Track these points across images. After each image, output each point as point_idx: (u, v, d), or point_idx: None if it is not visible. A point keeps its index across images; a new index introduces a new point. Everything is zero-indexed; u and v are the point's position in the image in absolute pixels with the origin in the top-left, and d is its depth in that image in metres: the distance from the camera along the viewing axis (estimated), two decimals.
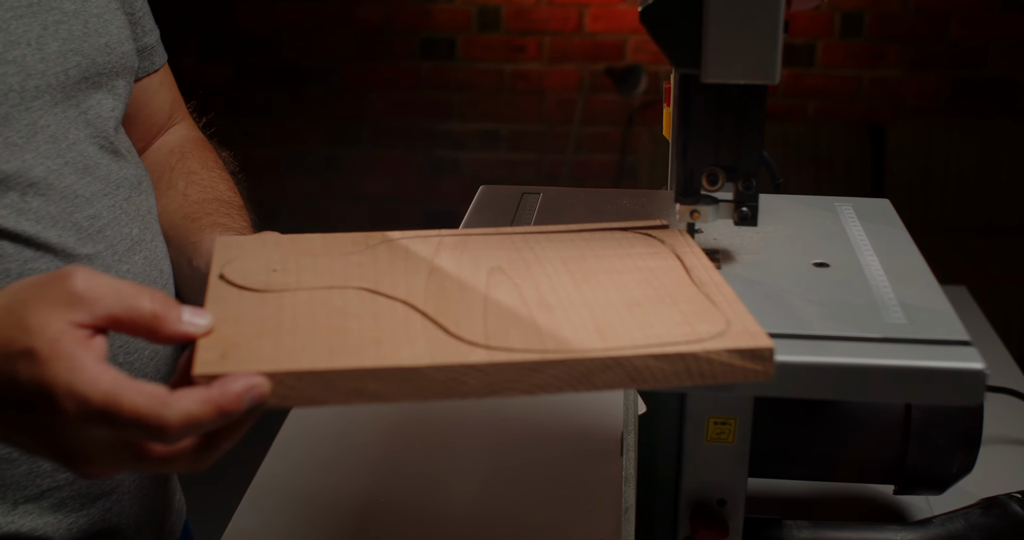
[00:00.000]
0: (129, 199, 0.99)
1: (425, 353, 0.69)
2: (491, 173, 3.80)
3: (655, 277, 0.80)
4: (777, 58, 0.80)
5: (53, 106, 0.92)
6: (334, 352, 0.69)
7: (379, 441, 1.35)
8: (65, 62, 0.93)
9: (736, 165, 0.87)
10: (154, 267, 1.00)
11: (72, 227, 0.92)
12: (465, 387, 0.69)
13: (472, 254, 0.86)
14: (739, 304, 0.75)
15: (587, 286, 0.79)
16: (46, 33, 0.92)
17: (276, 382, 0.67)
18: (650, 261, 0.84)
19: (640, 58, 3.60)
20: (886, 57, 3.57)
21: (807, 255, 0.93)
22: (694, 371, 0.70)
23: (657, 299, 0.77)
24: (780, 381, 0.76)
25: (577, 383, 0.70)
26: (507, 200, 1.06)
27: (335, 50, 3.77)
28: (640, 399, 0.92)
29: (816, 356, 0.75)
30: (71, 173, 0.93)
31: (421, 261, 0.84)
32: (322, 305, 0.76)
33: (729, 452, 0.90)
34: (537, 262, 0.84)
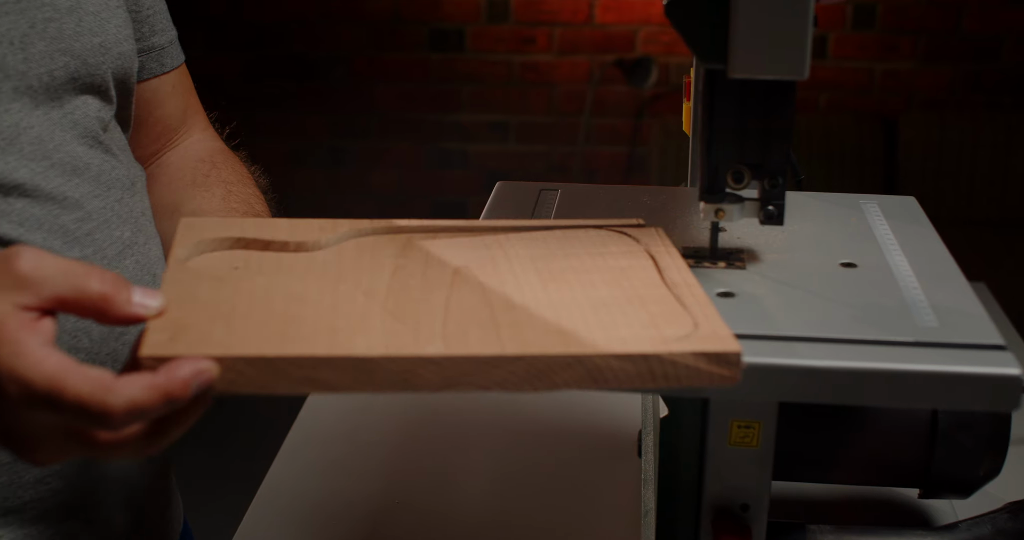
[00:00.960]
0: (121, 201, 0.96)
1: (380, 344, 0.68)
2: (500, 165, 3.78)
3: (625, 277, 0.79)
4: (807, 53, 0.78)
5: (35, 108, 0.89)
6: (287, 338, 0.68)
7: (390, 442, 1.33)
8: (51, 63, 0.89)
9: (762, 163, 0.85)
10: (147, 271, 0.98)
11: (58, 230, 0.89)
12: (420, 380, 0.67)
13: (441, 252, 0.84)
14: (710, 306, 0.74)
15: (554, 286, 0.77)
16: (32, 31, 0.88)
17: (225, 367, 0.66)
18: (622, 260, 0.82)
19: (651, 49, 3.58)
20: (898, 49, 3.54)
21: (834, 255, 0.91)
22: (658, 373, 0.68)
23: (625, 300, 0.75)
24: (809, 386, 0.74)
25: (536, 381, 0.68)
26: (525, 197, 1.04)
27: (343, 42, 3.74)
28: (662, 402, 0.90)
29: (847, 361, 0.73)
30: (57, 175, 0.90)
31: (387, 259, 0.83)
32: (280, 291, 0.75)
33: (753, 456, 0.88)
34: (506, 261, 0.82)
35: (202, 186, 1.09)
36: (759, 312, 0.80)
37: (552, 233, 0.89)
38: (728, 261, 0.89)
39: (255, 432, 2.80)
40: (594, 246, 0.85)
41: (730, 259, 0.89)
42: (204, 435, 2.99)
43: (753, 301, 0.82)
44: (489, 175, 3.79)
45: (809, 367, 0.74)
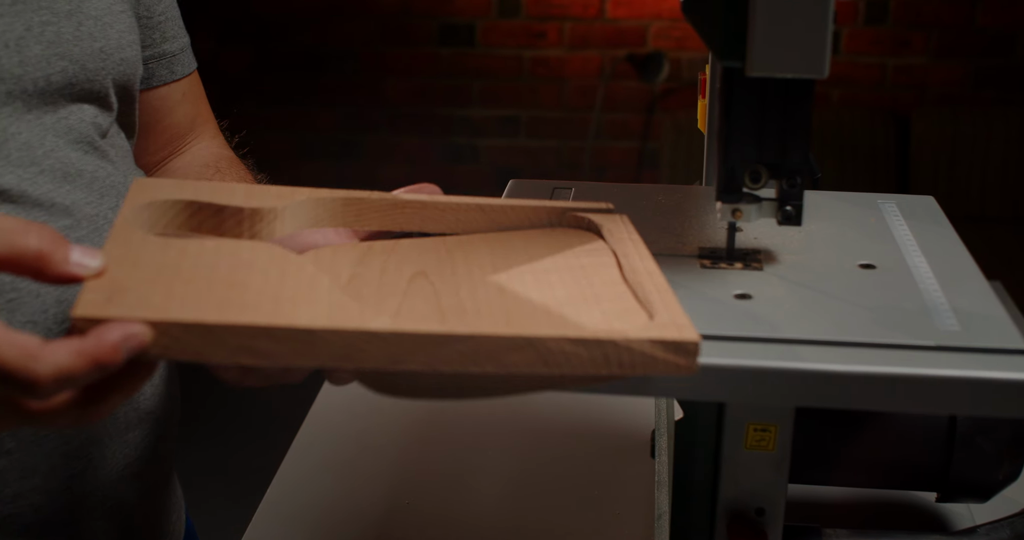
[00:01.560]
0: (115, 208, 0.93)
1: (324, 315, 0.66)
2: (510, 161, 3.77)
3: (585, 276, 0.78)
4: (827, 51, 0.77)
5: (26, 112, 0.86)
6: (227, 305, 0.66)
7: (401, 442, 1.32)
8: (48, 67, 0.87)
9: (780, 162, 0.83)
10: None
11: None
12: (363, 355, 0.66)
13: (400, 257, 0.83)
14: (670, 295, 0.73)
15: (510, 288, 0.76)
16: (29, 35, 0.86)
17: (160, 332, 0.63)
18: (584, 258, 0.81)
19: (662, 44, 3.56)
20: (911, 44, 3.52)
21: (852, 255, 0.89)
22: (612, 359, 0.67)
23: (581, 299, 0.74)
24: (827, 392, 0.73)
25: (484, 361, 0.67)
26: (537, 195, 1.03)
27: (353, 36, 3.73)
28: (676, 404, 0.89)
29: (866, 366, 0.72)
30: (47, 181, 0.87)
31: (345, 266, 0.81)
32: (228, 256, 0.73)
33: (769, 460, 0.87)
34: (465, 264, 0.81)
35: None
36: (777, 315, 0.79)
37: (516, 233, 0.87)
38: (745, 262, 0.88)
39: (264, 432, 2.79)
40: (557, 244, 0.84)
41: (747, 260, 0.88)
42: (212, 435, 3.01)
43: (771, 303, 0.80)
44: (499, 170, 3.78)
45: (827, 372, 0.72)
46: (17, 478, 0.87)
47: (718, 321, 0.78)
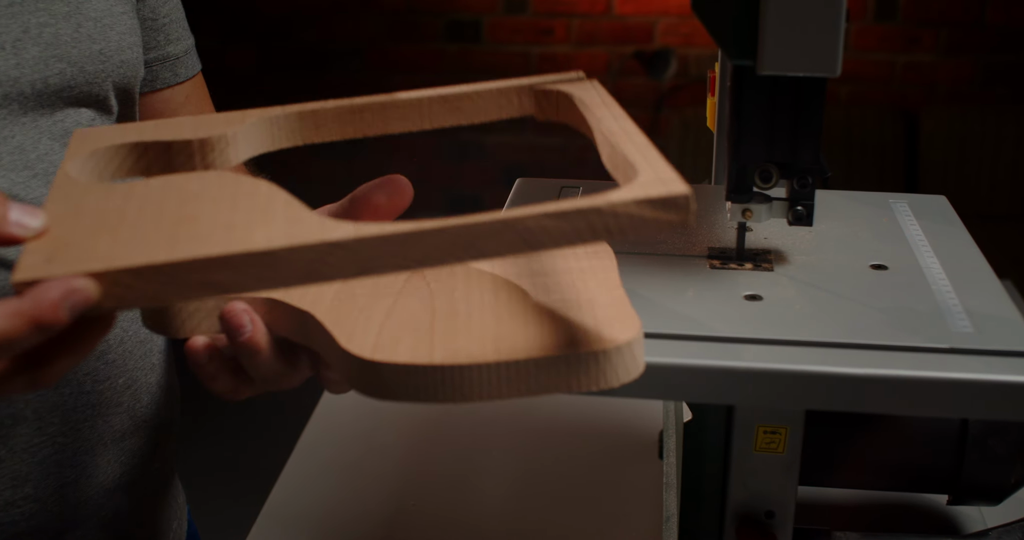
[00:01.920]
0: None
1: (282, 234, 0.62)
2: (516, 158, 3.76)
3: (583, 279, 0.76)
4: (839, 49, 0.75)
5: (22, 115, 0.85)
6: (178, 242, 0.62)
7: (406, 443, 1.32)
8: (45, 69, 0.85)
9: (791, 162, 0.82)
10: None
11: None
12: (331, 269, 0.62)
13: None
14: (652, 150, 0.69)
15: (505, 291, 0.75)
16: (26, 36, 0.84)
17: (109, 282, 0.59)
18: (585, 261, 0.79)
19: (670, 41, 3.55)
20: (920, 41, 3.50)
21: (863, 256, 0.88)
22: (598, 227, 0.62)
23: (576, 303, 0.72)
24: (838, 395, 0.72)
25: (462, 252, 0.63)
26: (545, 194, 1.02)
27: (359, 33, 3.73)
28: (685, 405, 0.88)
29: (878, 368, 0.71)
30: (41, 186, 0.86)
31: None
32: (176, 191, 0.68)
33: (779, 462, 0.86)
34: (464, 265, 0.79)
35: None
36: (787, 316, 0.78)
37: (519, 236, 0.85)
38: (755, 262, 0.87)
39: (267, 433, 2.78)
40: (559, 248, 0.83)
41: (757, 260, 0.87)
42: (215, 436, 3.00)
43: (781, 305, 0.80)
44: (506, 168, 3.77)
45: (838, 375, 0.71)
46: (8, 486, 0.86)
47: (728, 322, 0.77)
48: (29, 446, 0.86)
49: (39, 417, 0.86)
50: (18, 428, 0.85)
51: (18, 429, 0.85)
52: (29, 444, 0.86)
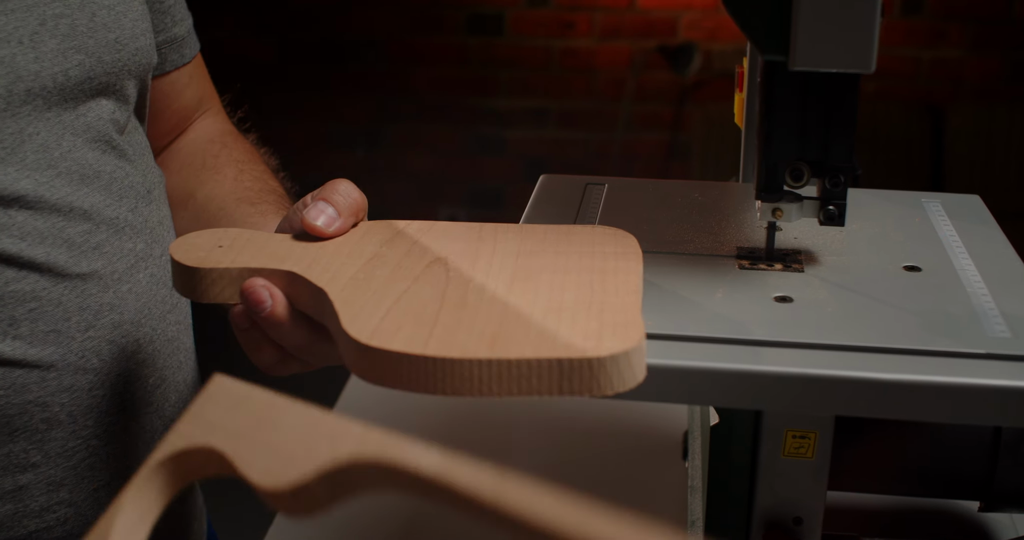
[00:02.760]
0: (135, 210, 0.90)
1: None
2: (538, 152, 3.74)
3: (602, 281, 0.75)
4: (874, 45, 0.73)
5: (45, 111, 0.83)
6: None
7: (426, 442, 1.30)
8: (65, 61, 0.83)
9: (823, 160, 0.80)
10: (163, 284, 0.92)
11: (63, 243, 0.83)
12: None
13: (430, 241, 0.82)
14: None
15: (521, 286, 0.74)
16: (43, 29, 0.82)
17: None
18: (609, 262, 0.78)
19: (693, 35, 3.52)
20: (947, 37, 3.47)
21: (896, 257, 0.86)
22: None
23: (586, 305, 0.71)
24: (871, 401, 0.70)
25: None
26: (570, 191, 1.00)
27: (379, 25, 3.71)
28: (712, 409, 0.86)
29: (912, 374, 0.69)
30: (64, 185, 0.84)
31: (371, 244, 0.81)
32: None
33: (808, 468, 0.84)
34: (488, 255, 0.79)
35: (212, 168, 1.05)
36: (818, 319, 0.76)
37: (555, 227, 0.85)
38: (785, 263, 0.85)
39: None
40: (591, 244, 0.82)
41: (787, 261, 0.85)
42: None
43: (812, 307, 0.78)
44: (527, 162, 3.75)
45: (870, 380, 0.69)
46: (44, 491, 0.85)
47: (757, 325, 0.75)
48: (64, 450, 0.86)
49: (73, 420, 0.86)
50: (53, 432, 0.84)
51: (53, 433, 0.85)
52: (64, 448, 0.85)
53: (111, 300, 0.87)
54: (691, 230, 0.91)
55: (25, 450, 0.83)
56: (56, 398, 0.84)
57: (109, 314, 0.86)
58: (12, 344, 0.81)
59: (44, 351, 0.83)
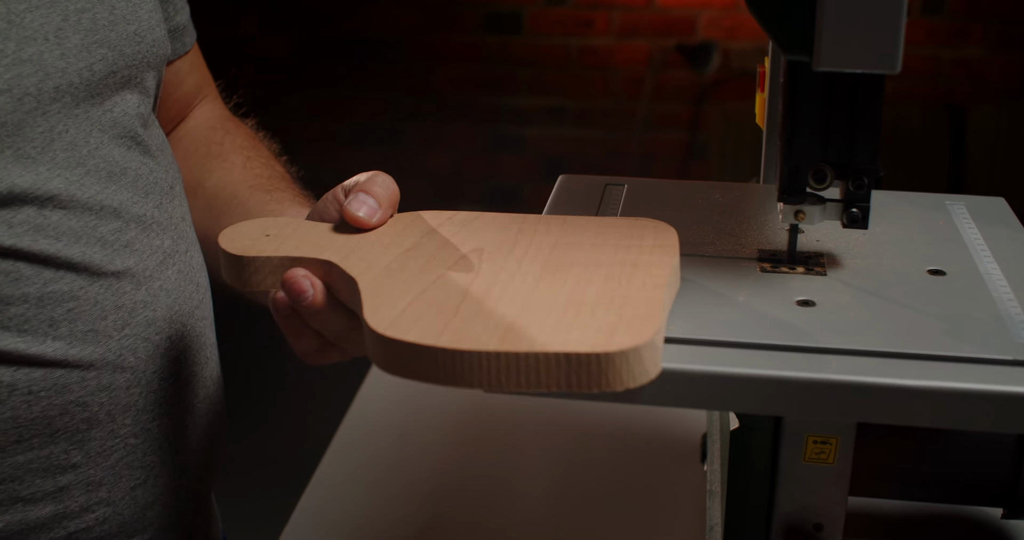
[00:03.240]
0: (160, 207, 0.90)
1: None
2: (556, 150, 3.73)
3: (628, 274, 0.75)
4: (900, 45, 0.72)
5: (74, 107, 0.82)
6: None
7: (441, 444, 1.29)
8: (89, 56, 0.83)
9: (847, 162, 0.79)
10: (190, 280, 0.92)
11: (97, 242, 0.83)
12: None
13: (471, 231, 0.83)
14: None
15: (549, 278, 0.74)
16: (66, 25, 0.81)
17: None
18: (644, 255, 0.78)
19: (712, 34, 3.51)
20: (968, 36, 3.45)
21: (920, 260, 0.85)
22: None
23: (608, 299, 0.71)
24: (895, 408, 0.68)
25: None
26: (589, 192, 0.99)
27: (398, 23, 3.70)
28: (732, 413, 0.85)
29: (937, 381, 0.68)
30: (94, 183, 0.84)
31: (411, 236, 0.83)
32: None
33: (829, 473, 0.83)
34: (524, 246, 0.80)
35: (219, 156, 1.05)
36: (841, 324, 0.75)
37: (596, 219, 0.85)
38: (807, 266, 0.84)
39: (299, 435, 2.77)
40: (629, 238, 0.81)
41: (809, 264, 0.84)
42: (247, 436, 2.97)
43: (835, 311, 0.76)
44: (546, 160, 3.74)
45: (893, 386, 0.68)
46: (83, 492, 0.85)
47: (778, 329, 0.74)
48: (103, 450, 0.85)
49: (112, 419, 0.85)
50: (93, 432, 0.84)
51: (93, 433, 0.84)
52: (103, 448, 0.85)
53: (144, 298, 0.86)
54: (712, 232, 0.90)
55: (66, 451, 0.83)
56: (95, 397, 0.84)
57: (143, 311, 0.86)
58: (53, 345, 0.81)
59: (83, 351, 0.82)
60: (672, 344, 0.71)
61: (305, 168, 1.12)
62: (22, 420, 0.80)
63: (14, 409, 0.80)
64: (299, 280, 0.77)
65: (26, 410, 0.80)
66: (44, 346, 0.80)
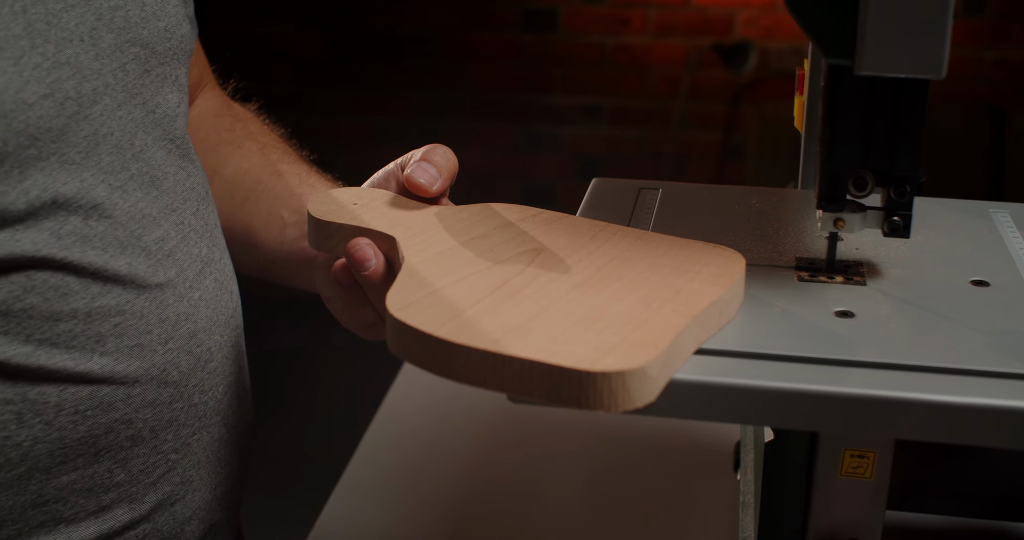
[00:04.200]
0: (197, 214, 0.88)
1: None
2: (591, 149, 3.71)
3: (667, 299, 0.72)
4: (946, 49, 0.70)
5: (116, 109, 0.80)
6: None
7: (469, 449, 1.28)
8: (122, 56, 0.80)
9: (889, 168, 0.77)
10: (224, 289, 0.90)
11: (141, 252, 0.81)
12: None
13: (543, 232, 0.82)
14: None
15: (585, 289, 0.73)
16: (100, 24, 0.79)
17: None
18: (696, 282, 0.74)
19: (750, 33, 3.48)
20: (1010, 36, 3.40)
21: (963, 271, 0.82)
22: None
23: (626, 319, 0.69)
24: (937, 425, 0.66)
25: None
26: (622, 196, 0.97)
27: (433, 20, 3.69)
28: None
29: (983, 397, 0.65)
30: (137, 189, 0.81)
31: (484, 225, 0.83)
32: None
33: (865, 488, 0.81)
34: (585, 254, 0.79)
35: (232, 143, 1.03)
36: (881, 336, 0.72)
37: (672, 240, 0.82)
38: (846, 275, 0.81)
39: (326, 438, 2.75)
40: (691, 262, 0.78)
41: (848, 273, 0.82)
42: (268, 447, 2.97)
43: (875, 323, 0.74)
44: (580, 159, 3.72)
45: (936, 403, 0.66)
46: (126, 511, 0.84)
47: (816, 341, 0.71)
48: (145, 467, 0.84)
49: (155, 435, 0.84)
50: (136, 449, 0.83)
51: (136, 450, 0.83)
52: (145, 465, 0.84)
53: (186, 309, 0.84)
54: (748, 239, 0.88)
55: (109, 469, 0.82)
56: (140, 414, 0.82)
57: (185, 324, 0.84)
58: (100, 361, 0.79)
59: (129, 366, 0.81)
60: (704, 355, 0.69)
61: (338, 165, 1.11)
62: (68, 441, 0.78)
63: (61, 430, 0.78)
64: (363, 248, 0.81)
65: (72, 430, 0.78)
66: (91, 363, 0.78)
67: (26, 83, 0.73)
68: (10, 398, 0.76)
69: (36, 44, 0.74)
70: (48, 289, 0.76)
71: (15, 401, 0.76)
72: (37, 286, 0.76)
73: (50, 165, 0.75)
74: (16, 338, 0.75)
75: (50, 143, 0.75)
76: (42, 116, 0.74)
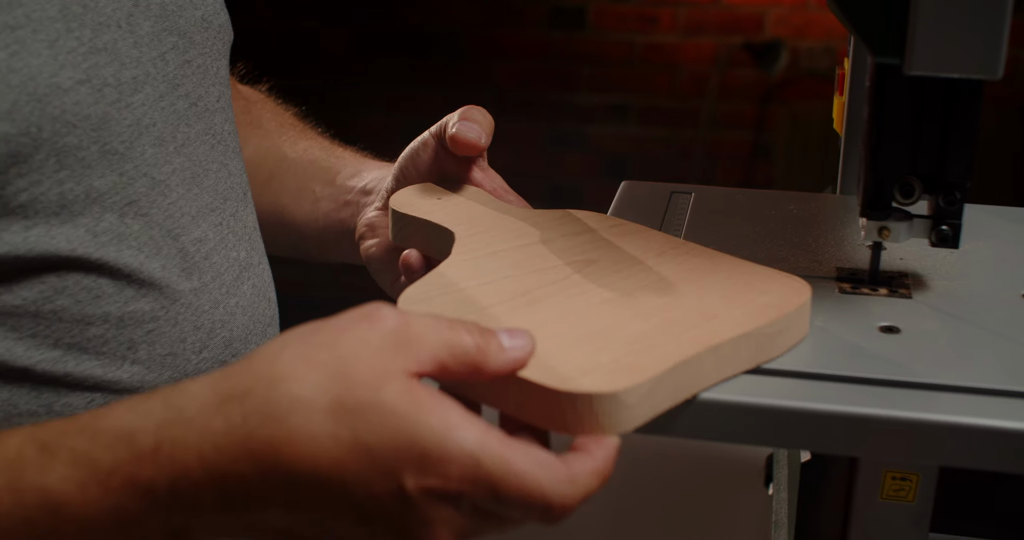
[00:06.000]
0: (236, 215, 0.83)
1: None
2: (619, 148, 3.67)
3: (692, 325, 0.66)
4: (1003, 48, 0.65)
5: (158, 100, 0.76)
6: None
7: None
8: (160, 44, 0.76)
9: (938, 175, 0.72)
10: (262, 296, 0.85)
11: (177, 254, 0.76)
12: None
13: (604, 243, 0.78)
14: None
15: (612, 305, 0.68)
16: (137, 10, 0.75)
17: None
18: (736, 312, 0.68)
19: (781, 32, 3.42)
20: None
21: (1014, 283, 0.78)
22: None
23: (633, 341, 0.64)
24: (986, 452, 0.62)
25: None
26: (653, 200, 0.93)
27: (459, 17, 3.66)
28: None
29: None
30: (178, 184, 0.77)
31: (550, 232, 0.80)
32: None
33: (908, 512, 0.77)
34: (635, 271, 0.73)
35: (249, 124, 1.00)
36: (929, 354, 0.68)
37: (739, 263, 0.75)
38: (891, 288, 0.77)
39: None
40: (747, 290, 0.70)
41: (893, 285, 0.77)
42: None
43: (921, 339, 0.70)
44: (608, 159, 3.68)
45: (986, 428, 0.61)
46: None
47: (859, 359, 0.67)
48: None
49: None
50: None
51: None
52: None
53: (221, 316, 0.80)
54: (786, 247, 0.83)
55: None
56: None
57: (220, 332, 0.80)
58: (131, 369, 0.75)
59: (161, 376, 0.76)
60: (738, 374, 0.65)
61: None
62: None
63: None
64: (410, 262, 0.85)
65: None
66: (121, 371, 0.74)
67: (61, 67, 0.69)
68: (34, 410, 0.72)
69: (72, 27, 0.70)
70: (80, 291, 0.72)
71: (40, 413, 0.72)
72: (69, 287, 0.71)
73: (91, 155, 0.71)
74: (44, 342, 0.71)
75: (90, 131, 0.71)
76: (78, 102, 0.70)
